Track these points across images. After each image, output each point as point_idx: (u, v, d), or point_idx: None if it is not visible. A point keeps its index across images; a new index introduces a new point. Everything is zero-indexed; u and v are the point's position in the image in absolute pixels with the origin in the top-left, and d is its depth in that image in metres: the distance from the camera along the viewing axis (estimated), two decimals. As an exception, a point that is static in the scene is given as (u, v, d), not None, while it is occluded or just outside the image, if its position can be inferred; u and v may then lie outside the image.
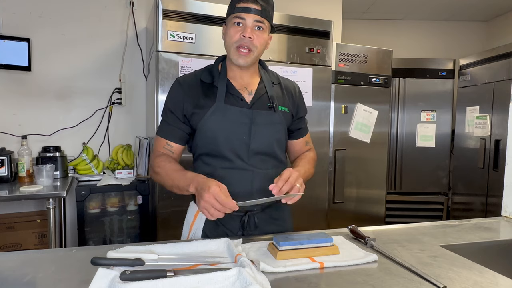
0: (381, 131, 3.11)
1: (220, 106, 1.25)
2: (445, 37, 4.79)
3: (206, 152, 1.29)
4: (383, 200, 3.23)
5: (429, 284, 0.90)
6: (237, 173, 1.26)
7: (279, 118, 1.32)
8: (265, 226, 1.32)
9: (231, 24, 1.25)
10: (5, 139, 2.68)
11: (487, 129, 3.41)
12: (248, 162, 1.27)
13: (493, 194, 3.34)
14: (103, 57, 2.93)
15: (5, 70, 2.67)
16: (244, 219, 1.29)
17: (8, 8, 2.68)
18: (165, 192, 2.31)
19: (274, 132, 1.31)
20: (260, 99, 1.31)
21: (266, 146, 1.30)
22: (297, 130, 1.45)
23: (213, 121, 1.25)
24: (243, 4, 1.22)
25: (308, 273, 0.96)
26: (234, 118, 1.26)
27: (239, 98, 1.29)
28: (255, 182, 1.27)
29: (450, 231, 1.34)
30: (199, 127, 1.27)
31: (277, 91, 1.37)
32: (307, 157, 1.43)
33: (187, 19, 2.29)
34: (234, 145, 1.26)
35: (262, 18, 1.23)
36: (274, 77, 1.41)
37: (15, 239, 2.63)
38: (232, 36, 1.24)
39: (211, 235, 1.29)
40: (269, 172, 1.30)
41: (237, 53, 1.24)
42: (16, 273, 0.93)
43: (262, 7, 1.22)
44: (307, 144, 1.49)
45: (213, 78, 1.31)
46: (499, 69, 3.30)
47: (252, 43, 1.23)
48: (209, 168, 1.29)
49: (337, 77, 2.91)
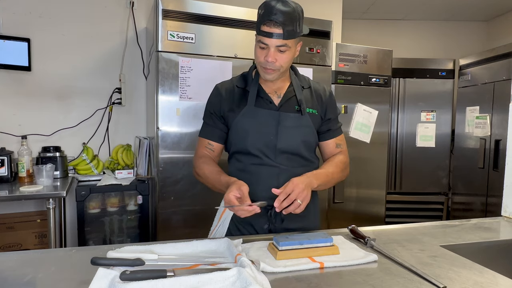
0: (381, 131, 3.11)
1: (250, 108, 1.36)
2: (445, 37, 4.79)
3: (238, 150, 1.39)
4: (383, 200, 3.23)
5: (429, 284, 0.90)
6: (265, 169, 1.35)
7: (306, 121, 1.38)
8: (291, 222, 1.36)
9: (257, 44, 1.31)
10: (5, 139, 2.68)
11: (487, 129, 3.41)
12: (275, 160, 1.36)
13: (493, 194, 3.34)
14: (103, 57, 2.93)
15: (5, 70, 2.67)
16: (271, 213, 1.34)
17: (8, 8, 2.68)
18: (165, 192, 2.31)
19: (301, 134, 1.38)
20: (288, 102, 1.39)
21: (293, 147, 1.37)
22: (326, 131, 1.47)
23: (244, 122, 1.36)
24: (266, 28, 1.25)
25: (308, 273, 0.96)
26: (262, 120, 1.35)
27: (268, 101, 1.38)
28: (281, 178, 1.34)
29: (450, 231, 1.34)
30: (232, 127, 1.38)
31: (306, 94, 1.43)
32: (335, 160, 1.45)
33: (187, 19, 2.29)
34: (262, 144, 1.35)
35: (285, 41, 1.26)
36: (305, 82, 1.47)
37: (15, 239, 2.63)
38: (258, 56, 1.31)
39: (239, 224, 1.38)
40: (296, 170, 1.35)
41: (264, 71, 1.32)
42: (16, 273, 0.93)
43: (285, 30, 1.23)
44: (338, 146, 1.51)
45: (246, 83, 1.42)
46: (499, 69, 3.30)
47: (275, 65, 1.29)
48: (241, 164, 1.39)
49: (337, 77, 2.91)
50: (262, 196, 1.32)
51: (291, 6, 1.25)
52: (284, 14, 1.23)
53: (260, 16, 1.28)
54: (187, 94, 2.32)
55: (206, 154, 1.43)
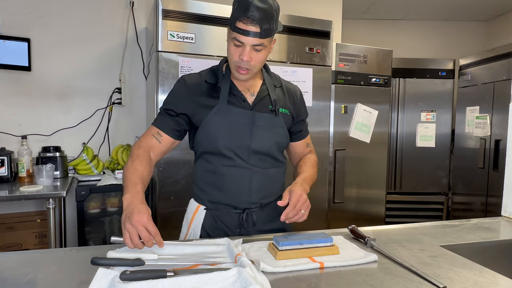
0: (381, 131, 3.11)
1: (222, 106, 1.27)
2: (445, 37, 4.79)
3: (208, 150, 1.31)
4: (383, 200, 3.23)
5: (429, 284, 0.90)
6: (237, 171, 1.29)
7: (279, 121, 1.34)
8: (264, 224, 1.34)
9: (231, 41, 1.23)
10: (5, 139, 2.68)
11: (487, 129, 3.41)
12: (248, 161, 1.30)
13: (493, 194, 3.33)
14: (103, 57, 2.93)
15: (5, 70, 2.67)
16: (242, 216, 1.31)
17: (8, 8, 2.67)
18: (165, 192, 2.31)
19: (275, 135, 1.34)
20: (262, 101, 1.34)
21: (266, 148, 1.32)
22: (298, 132, 1.47)
23: (216, 121, 1.27)
24: (242, 26, 1.17)
25: (308, 273, 0.96)
26: (235, 119, 1.28)
27: (241, 99, 1.31)
28: (254, 179, 1.31)
29: (450, 231, 1.34)
30: (202, 126, 1.29)
31: (279, 93, 1.39)
32: (311, 160, 1.45)
33: (187, 19, 2.29)
34: (235, 144, 1.28)
35: (262, 40, 1.20)
36: (277, 80, 1.43)
37: (15, 239, 2.63)
38: (232, 54, 1.23)
39: (210, 231, 1.32)
40: (268, 171, 1.34)
41: (237, 70, 1.26)
42: (16, 273, 0.93)
43: (262, 29, 1.17)
44: (308, 146, 1.51)
45: (217, 79, 1.33)
46: (499, 69, 3.30)
47: (250, 64, 1.23)
48: (211, 165, 1.32)
49: (337, 77, 2.91)
50: (233, 200, 1.31)
51: (268, 3, 1.18)
52: (261, 12, 1.15)
53: (235, 11, 1.19)
54: (187, 94, 2.31)
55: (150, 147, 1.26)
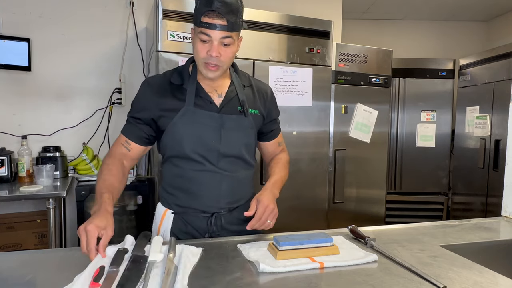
0: (381, 131, 3.11)
1: (189, 109, 1.23)
2: (445, 37, 4.78)
3: (175, 154, 1.28)
4: (383, 200, 3.23)
5: (429, 284, 0.90)
6: (206, 176, 1.27)
7: (249, 123, 1.31)
8: (232, 226, 1.32)
9: (197, 38, 1.18)
10: (5, 139, 2.68)
11: (487, 129, 3.41)
12: (217, 165, 1.27)
13: (493, 194, 3.33)
14: (103, 57, 2.93)
15: (5, 70, 2.67)
16: (211, 220, 1.29)
17: (8, 8, 2.67)
18: (165, 192, 2.31)
19: (244, 136, 1.31)
20: (230, 102, 1.30)
21: (235, 150, 1.29)
22: (269, 132, 1.45)
23: (182, 124, 1.23)
24: (208, 19, 1.13)
25: (308, 273, 0.96)
26: (203, 122, 1.24)
27: (208, 101, 1.27)
28: (223, 184, 1.28)
29: (450, 231, 1.34)
30: (168, 130, 1.25)
31: (248, 93, 1.35)
32: (282, 161, 1.44)
33: (187, 19, 2.29)
34: (203, 148, 1.25)
35: (230, 33, 1.16)
36: (246, 79, 1.38)
37: (15, 239, 2.63)
38: (199, 51, 1.18)
39: (179, 235, 1.30)
40: (238, 175, 1.32)
41: (206, 68, 1.21)
42: (16, 273, 0.93)
43: (229, 22, 1.14)
44: (280, 145, 1.50)
45: (182, 80, 1.28)
46: (499, 69, 3.30)
47: (220, 60, 1.18)
48: (179, 170, 1.29)
49: (337, 77, 2.91)
50: (202, 204, 1.29)
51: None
52: (226, 5, 1.12)
53: (200, 6, 1.15)
54: (187, 94, 2.31)
55: (121, 155, 1.28)
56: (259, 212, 1.17)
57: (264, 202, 1.19)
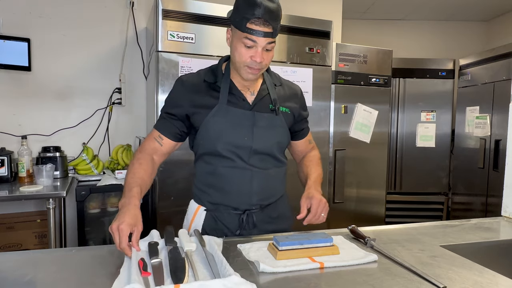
0: (381, 131, 3.11)
1: (222, 107, 1.26)
2: (445, 37, 4.78)
3: (208, 151, 1.30)
4: (383, 200, 3.23)
5: (429, 284, 0.90)
6: (237, 172, 1.28)
7: (280, 121, 1.33)
8: (264, 225, 1.34)
9: (241, 43, 1.19)
10: (5, 139, 2.68)
11: (487, 129, 3.41)
12: (249, 162, 1.29)
13: (493, 194, 3.33)
14: (103, 57, 2.93)
15: (5, 70, 2.67)
16: (243, 218, 1.31)
17: (8, 8, 2.67)
18: (165, 192, 2.31)
19: (276, 134, 1.33)
20: (262, 100, 1.32)
21: (267, 148, 1.31)
22: (300, 131, 1.47)
23: (215, 122, 1.26)
24: (254, 27, 1.15)
25: (308, 273, 0.96)
26: (236, 120, 1.27)
27: (241, 98, 1.29)
28: (254, 181, 1.30)
29: (450, 231, 1.34)
30: (202, 127, 1.27)
31: (279, 92, 1.38)
32: (315, 158, 1.47)
33: (187, 19, 2.29)
34: (236, 145, 1.27)
35: (274, 39, 1.22)
36: (277, 79, 1.42)
37: (15, 239, 2.63)
38: (243, 55, 1.20)
39: (210, 232, 1.32)
40: (269, 172, 1.33)
41: (247, 70, 1.23)
42: (16, 273, 0.93)
43: (273, 28, 1.18)
44: (310, 143, 1.52)
45: (216, 78, 1.31)
46: (499, 69, 3.30)
47: (262, 64, 1.22)
48: (211, 167, 1.31)
49: (337, 77, 2.91)
50: (234, 201, 1.30)
51: (275, 1, 1.19)
52: (271, 12, 1.16)
53: (244, 11, 1.15)
54: (187, 94, 2.31)
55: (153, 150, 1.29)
56: (314, 207, 1.22)
57: (316, 197, 1.24)
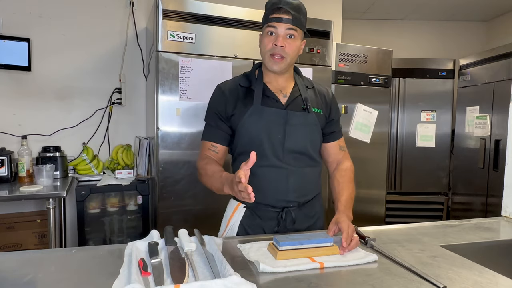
0: (381, 131, 3.11)
1: (257, 107, 1.32)
2: (445, 37, 4.78)
3: (244, 151, 1.35)
4: (383, 200, 3.23)
5: (429, 284, 0.90)
6: (273, 171, 1.33)
7: (313, 119, 1.37)
8: (301, 223, 1.38)
9: (265, 34, 1.32)
10: (5, 139, 2.68)
11: (487, 129, 3.41)
12: (283, 160, 1.33)
13: (493, 194, 3.33)
14: (103, 57, 2.93)
15: (5, 70, 2.67)
16: (282, 215, 1.34)
17: (8, 8, 2.67)
18: (165, 192, 2.31)
19: (308, 132, 1.37)
20: (295, 101, 1.37)
21: (300, 146, 1.35)
22: (331, 133, 1.47)
23: (251, 122, 1.32)
24: (275, 15, 1.28)
25: (308, 273, 0.96)
26: (269, 119, 1.32)
27: (274, 100, 1.35)
28: (290, 179, 1.33)
29: (450, 231, 1.34)
30: (238, 128, 1.34)
31: (310, 94, 1.43)
32: (348, 173, 1.45)
33: (187, 19, 2.29)
34: (270, 144, 1.32)
35: (294, 27, 1.28)
36: (308, 82, 1.47)
37: (15, 239, 2.63)
38: (266, 45, 1.31)
39: (248, 227, 1.36)
40: (304, 170, 1.37)
41: (271, 60, 1.30)
42: (16, 273, 0.93)
43: (293, 16, 1.27)
44: (342, 149, 1.51)
45: (250, 82, 1.39)
46: (499, 69, 3.30)
47: (284, 50, 1.29)
48: None
49: (337, 77, 2.91)
50: (271, 199, 1.33)
51: (298, 0, 1.33)
52: (291, 3, 1.28)
53: (268, 9, 1.31)
54: (187, 94, 2.32)
55: (209, 157, 1.37)
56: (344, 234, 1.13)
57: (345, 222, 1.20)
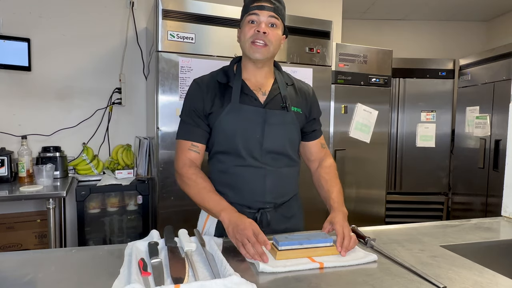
0: (381, 131, 3.11)
1: (234, 105, 1.27)
2: (445, 37, 4.78)
3: (221, 150, 1.31)
4: (383, 200, 3.23)
5: (429, 284, 0.90)
6: (250, 171, 1.29)
7: (291, 118, 1.33)
8: (277, 224, 1.34)
9: (246, 23, 1.28)
10: (5, 139, 2.68)
11: (487, 129, 3.41)
12: (261, 160, 1.29)
13: (493, 194, 3.33)
14: (103, 57, 2.93)
15: (5, 70, 2.67)
16: (257, 216, 1.31)
17: (8, 8, 2.67)
18: (165, 192, 2.31)
19: (287, 131, 1.33)
20: (274, 99, 1.33)
21: (279, 145, 1.32)
22: (311, 132, 1.46)
23: (228, 120, 1.27)
24: (256, 3, 1.26)
25: (308, 273, 0.96)
26: (248, 117, 1.28)
27: (253, 98, 1.31)
28: (267, 179, 1.30)
29: (450, 231, 1.34)
30: (215, 126, 1.29)
31: (290, 92, 1.38)
32: (332, 169, 1.43)
33: (187, 19, 2.29)
34: (248, 143, 1.28)
35: (276, 15, 1.27)
36: (288, 79, 1.43)
37: (15, 239, 2.63)
38: (247, 32, 1.26)
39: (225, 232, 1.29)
40: (282, 170, 1.33)
41: (253, 47, 1.26)
42: (16, 273, 0.93)
43: (274, 5, 1.26)
44: (323, 146, 1.50)
45: (228, 78, 1.33)
46: (499, 69, 3.30)
47: (267, 37, 1.25)
48: (223, 165, 1.31)
49: (337, 77, 2.91)
50: (248, 200, 1.30)
51: None
52: None
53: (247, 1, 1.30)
54: (187, 94, 2.31)
55: (193, 162, 1.30)
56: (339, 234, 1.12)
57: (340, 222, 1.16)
